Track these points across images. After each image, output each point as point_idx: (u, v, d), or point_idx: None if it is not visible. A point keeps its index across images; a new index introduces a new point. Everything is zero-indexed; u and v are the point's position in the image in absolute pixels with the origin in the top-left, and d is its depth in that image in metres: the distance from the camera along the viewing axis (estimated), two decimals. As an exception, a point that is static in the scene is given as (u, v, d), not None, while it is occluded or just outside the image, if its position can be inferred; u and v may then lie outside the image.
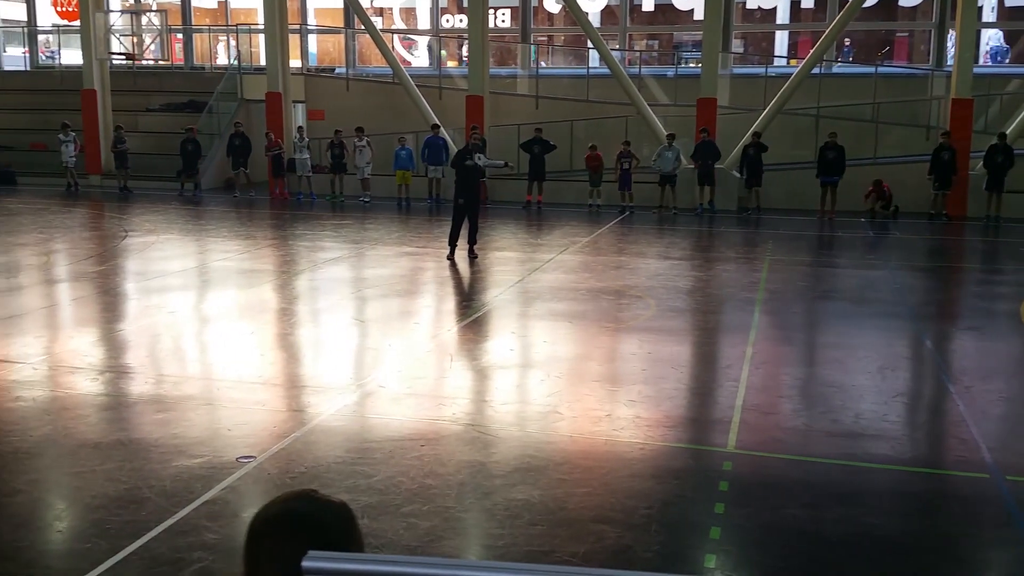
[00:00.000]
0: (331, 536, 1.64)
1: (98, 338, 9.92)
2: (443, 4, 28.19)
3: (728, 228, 19.14)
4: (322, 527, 1.64)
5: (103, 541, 5.20)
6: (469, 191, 14.64)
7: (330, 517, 1.67)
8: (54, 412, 7.40)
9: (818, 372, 9.08)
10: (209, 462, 6.31)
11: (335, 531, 1.65)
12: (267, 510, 1.68)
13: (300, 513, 1.66)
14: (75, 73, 26.96)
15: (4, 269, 13.77)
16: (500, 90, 24.53)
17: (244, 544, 1.66)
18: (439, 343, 9.83)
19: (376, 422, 7.31)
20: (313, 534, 1.62)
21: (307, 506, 1.67)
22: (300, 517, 1.65)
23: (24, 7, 31.58)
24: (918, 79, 24.03)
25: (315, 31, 29.54)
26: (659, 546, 5.29)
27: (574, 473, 6.29)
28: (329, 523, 1.66)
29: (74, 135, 24.47)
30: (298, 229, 18.35)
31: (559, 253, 15.34)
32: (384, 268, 14.09)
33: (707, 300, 12.10)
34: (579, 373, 8.77)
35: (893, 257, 15.92)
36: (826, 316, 11.66)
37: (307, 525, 1.64)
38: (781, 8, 26.10)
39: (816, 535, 5.46)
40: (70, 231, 17.98)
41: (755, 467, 6.51)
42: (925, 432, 7.72)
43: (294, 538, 1.60)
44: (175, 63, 29.08)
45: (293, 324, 10.73)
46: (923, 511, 6.00)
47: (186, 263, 14.71)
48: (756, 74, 24.73)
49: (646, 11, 27.04)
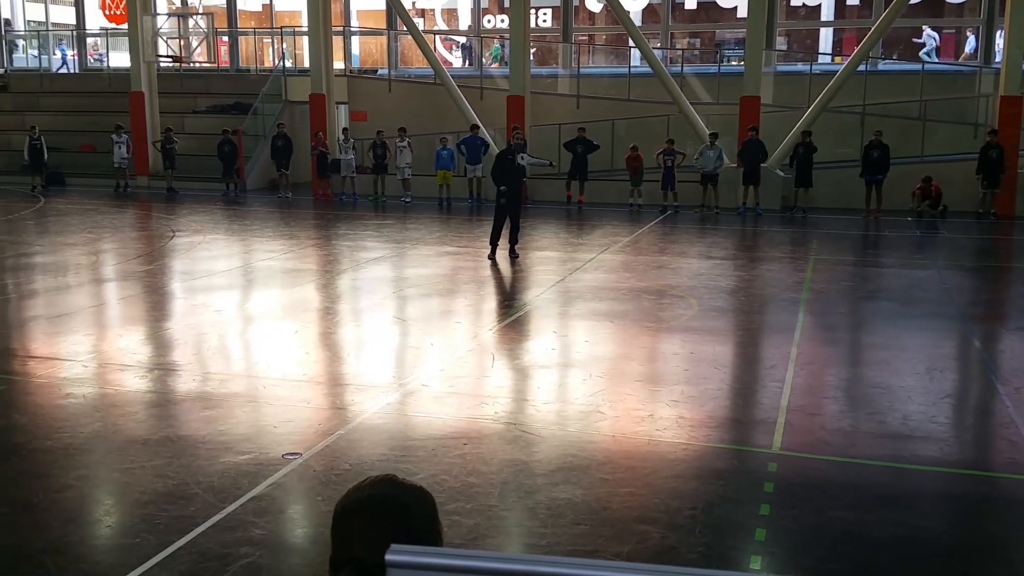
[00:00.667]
0: (413, 520, 1.73)
1: (146, 336, 10.07)
2: (484, 4, 28.26)
3: (771, 228, 18.97)
4: (407, 510, 1.74)
5: (152, 536, 5.29)
6: (511, 191, 14.63)
7: (412, 501, 1.76)
8: (103, 409, 7.52)
9: (864, 373, 8.97)
10: (255, 459, 6.38)
11: (416, 515, 1.74)
12: (354, 494, 1.77)
13: (385, 496, 1.75)
14: (123, 76, 27.40)
15: (55, 268, 14.03)
16: (541, 90, 24.52)
17: (332, 526, 1.75)
18: (480, 342, 9.85)
19: (418, 420, 7.34)
20: (398, 517, 1.71)
21: (391, 490, 1.77)
22: (385, 500, 1.74)
23: (73, 11, 32.17)
24: (965, 76, 23.65)
25: (358, 33, 29.77)
26: (704, 547, 5.26)
27: (617, 473, 6.28)
28: (411, 507, 1.75)
29: (127, 137, 24.89)
30: (341, 229, 18.50)
31: (600, 252, 15.30)
32: (425, 267, 14.16)
33: (750, 300, 12.00)
34: (621, 373, 8.75)
35: (940, 256, 15.68)
36: (872, 316, 11.51)
37: (392, 508, 1.73)
38: (826, 5, 25.82)
39: (863, 537, 5.39)
40: (118, 231, 18.28)
41: (801, 469, 6.45)
42: (974, 434, 7.60)
43: (381, 520, 1.70)
44: (221, 65, 29.45)
45: (336, 323, 10.82)
46: (971, 514, 5.90)
47: (231, 263, 14.89)
48: (800, 71, 24.49)
49: (688, 9, 26.90)
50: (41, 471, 6.25)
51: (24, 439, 6.85)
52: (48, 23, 33.26)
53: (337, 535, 1.73)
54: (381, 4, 27.68)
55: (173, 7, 29.39)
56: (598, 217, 20.14)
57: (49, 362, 8.88)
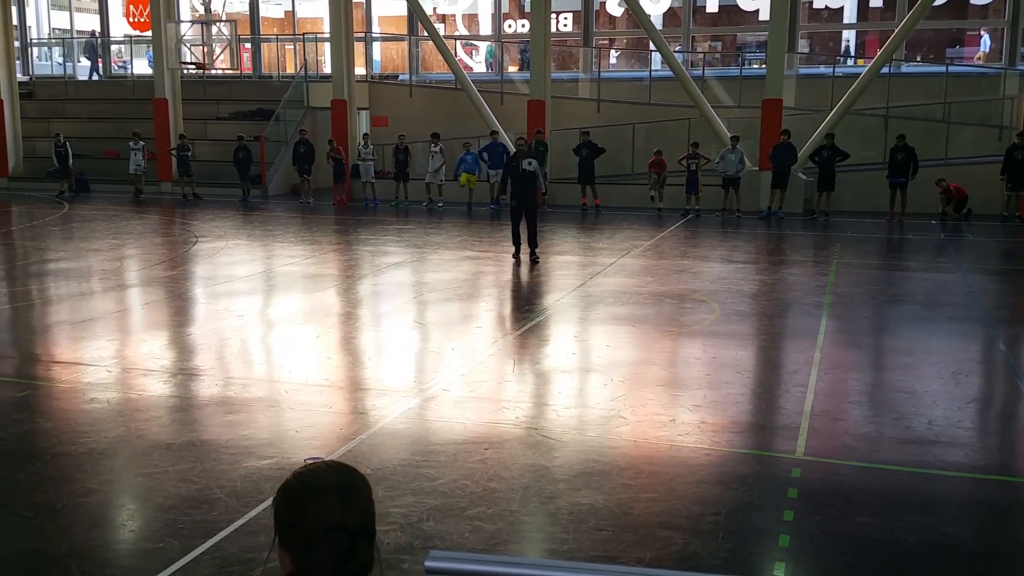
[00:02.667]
0: (368, 496, 1.88)
1: (169, 341, 10.13)
2: (505, 9, 28.29)
3: (794, 231, 18.87)
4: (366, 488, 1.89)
5: (175, 541, 5.31)
6: (521, 195, 14.82)
7: (363, 481, 1.89)
8: (127, 414, 7.57)
9: (889, 377, 8.89)
10: (278, 463, 6.40)
11: (369, 493, 1.88)
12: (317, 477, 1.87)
13: (350, 475, 1.89)
14: (147, 82, 27.64)
15: (79, 274, 14.15)
16: (562, 94, 24.52)
17: (296, 508, 1.84)
18: (501, 347, 9.84)
19: (440, 425, 7.34)
20: (362, 492, 1.87)
21: (349, 471, 1.90)
22: (352, 479, 1.88)
23: (97, 18, 32.48)
24: (990, 78, 23.45)
25: (379, 39, 29.89)
26: (727, 553, 5.22)
27: (639, 478, 6.24)
28: (365, 486, 1.89)
29: (143, 144, 25.08)
30: (362, 234, 18.55)
31: (621, 257, 15.27)
32: (446, 272, 14.17)
33: (773, 304, 11.93)
34: (642, 377, 8.71)
35: (965, 260, 15.53)
36: (896, 320, 11.41)
37: (359, 485, 1.88)
38: (848, 7, 25.67)
39: (888, 544, 5.34)
40: (142, 237, 18.42)
41: (825, 474, 6.39)
42: (1000, 439, 7.52)
43: (353, 496, 1.85)
44: (244, 72, 29.66)
45: (357, 328, 10.84)
46: (998, 519, 5.83)
47: (254, 268, 14.96)
48: (823, 74, 24.37)
49: (710, 12, 26.82)
50: (65, 475, 6.29)
51: (49, 444, 6.90)
52: (72, 31, 33.61)
53: (309, 513, 1.81)
54: (402, 10, 27.79)
55: (196, 14, 29.62)
56: (618, 221, 20.10)
57: (73, 367, 8.95)
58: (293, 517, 1.83)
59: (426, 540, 5.30)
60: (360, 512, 1.83)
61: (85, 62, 32.14)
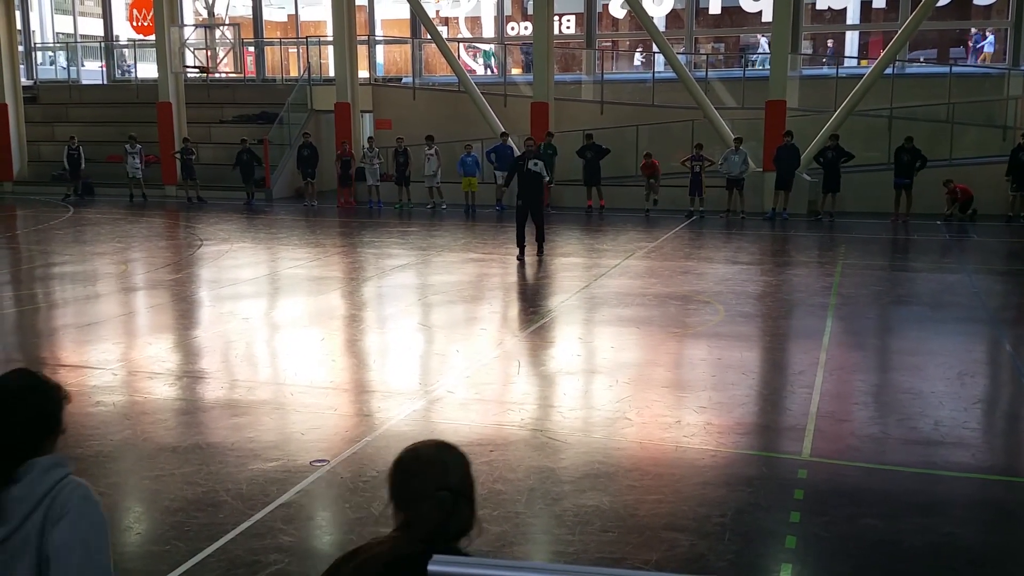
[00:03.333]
0: (461, 473, 2.26)
1: (174, 344, 10.15)
2: (508, 12, 28.31)
3: (798, 232, 18.86)
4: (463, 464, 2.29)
5: (181, 543, 5.31)
6: (528, 195, 15.15)
7: (463, 458, 2.30)
8: (133, 417, 7.58)
9: (894, 378, 8.88)
10: (283, 466, 6.40)
11: (463, 470, 2.27)
12: (420, 450, 2.28)
13: (448, 455, 2.28)
14: (151, 86, 27.68)
15: (84, 278, 14.17)
16: (565, 96, 24.52)
17: (412, 472, 2.23)
18: (506, 349, 9.84)
19: (445, 427, 7.34)
20: (457, 468, 2.26)
21: (451, 450, 2.30)
22: (449, 457, 2.28)
23: (101, 22, 32.55)
24: (993, 79, 23.42)
25: (382, 42, 29.93)
26: (733, 555, 5.22)
27: (644, 480, 6.24)
28: (460, 464, 2.28)
29: (140, 147, 25.10)
30: (366, 237, 18.57)
31: (625, 258, 15.27)
32: (450, 274, 14.18)
33: (778, 305, 11.92)
34: (647, 379, 8.71)
35: (970, 260, 15.50)
36: (902, 321, 11.40)
37: (454, 463, 2.26)
38: (851, 8, 25.66)
39: (895, 545, 5.33)
40: (147, 240, 18.45)
41: (831, 475, 6.38)
42: (1006, 439, 7.51)
43: (449, 465, 2.25)
44: (247, 75, 29.69)
45: (362, 330, 10.85)
46: (1005, 520, 5.82)
47: (258, 271, 14.98)
48: (826, 75, 24.35)
49: (712, 14, 26.81)
50: (72, 478, 6.29)
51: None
52: (76, 35, 33.68)
53: (420, 478, 2.20)
54: (405, 13, 27.83)
55: (200, 18, 29.68)
56: (623, 222, 20.10)
57: (79, 370, 8.96)
58: (406, 482, 2.21)
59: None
60: (461, 480, 2.23)
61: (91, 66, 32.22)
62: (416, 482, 2.20)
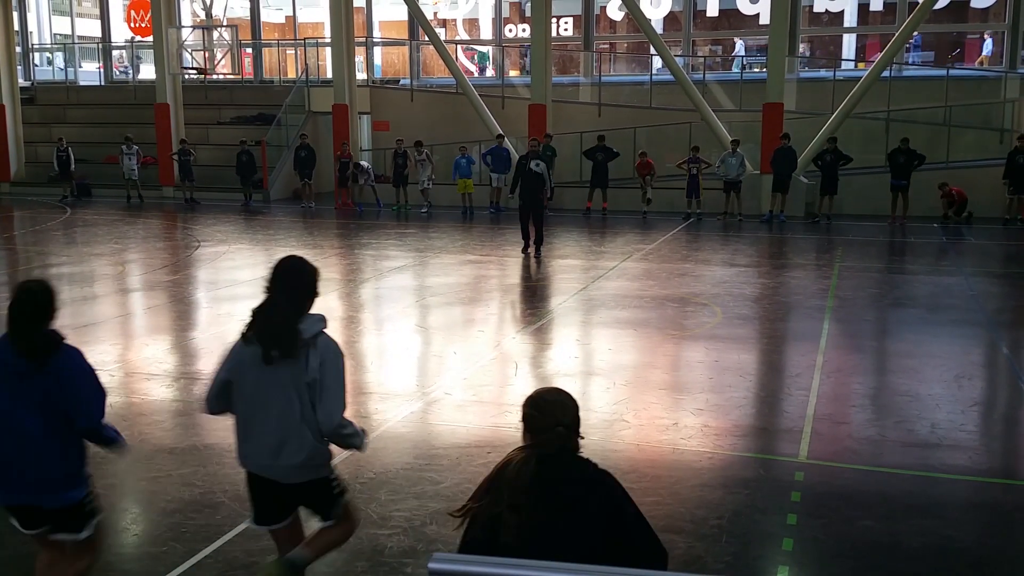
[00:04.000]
0: (573, 413, 3.14)
1: (172, 345, 10.14)
2: (506, 14, 28.33)
3: (796, 235, 18.87)
4: (573, 406, 3.16)
5: (179, 544, 5.31)
6: (528, 194, 15.69)
7: (573, 400, 3.16)
8: (130, 418, 7.57)
9: (891, 381, 8.89)
10: (280, 468, 6.38)
11: (573, 411, 3.14)
12: (546, 395, 3.21)
13: (563, 398, 3.19)
14: (148, 87, 27.67)
15: (81, 279, 14.16)
16: (563, 98, 24.54)
17: (542, 408, 3.12)
18: (503, 350, 9.85)
19: (442, 429, 7.34)
20: (570, 408, 3.15)
21: (565, 394, 3.21)
22: (564, 399, 3.18)
23: (99, 24, 32.54)
24: (990, 81, 23.47)
25: (380, 44, 29.93)
26: (731, 557, 5.22)
27: (641, 482, 6.24)
28: (572, 406, 3.16)
29: (136, 148, 25.08)
30: (363, 238, 18.57)
31: (623, 260, 15.28)
32: (448, 276, 14.19)
33: (775, 308, 11.93)
34: (644, 381, 8.72)
35: (967, 263, 15.53)
36: (899, 324, 11.41)
37: (567, 404, 3.15)
38: (849, 11, 25.70)
39: (892, 547, 5.34)
40: (144, 241, 18.43)
41: (828, 478, 6.39)
42: (1003, 442, 7.52)
43: (568, 407, 3.13)
44: (245, 77, 29.70)
45: (359, 332, 10.85)
46: (1002, 523, 5.82)
47: (256, 272, 14.96)
48: (824, 78, 24.39)
49: (710, 16, 26.85)
50: (69, 480, 6.29)
51: (52, 448, 6.89)
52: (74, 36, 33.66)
53: (544, 413, 3.08)
54: (403, 15, 27.84)
55: (197, 20, 29.68)
56: (621, 225, 20.11)
57: (76, 371, 8.94)
58: (534, 417, 3.08)
59: (429, 544, 5.31)
60: (573, 417, 3.10)
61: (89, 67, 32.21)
62: (542, 418, 3.06)
